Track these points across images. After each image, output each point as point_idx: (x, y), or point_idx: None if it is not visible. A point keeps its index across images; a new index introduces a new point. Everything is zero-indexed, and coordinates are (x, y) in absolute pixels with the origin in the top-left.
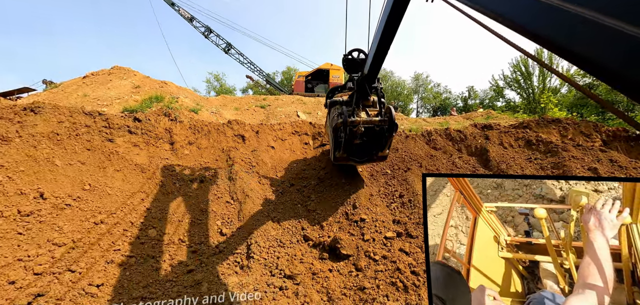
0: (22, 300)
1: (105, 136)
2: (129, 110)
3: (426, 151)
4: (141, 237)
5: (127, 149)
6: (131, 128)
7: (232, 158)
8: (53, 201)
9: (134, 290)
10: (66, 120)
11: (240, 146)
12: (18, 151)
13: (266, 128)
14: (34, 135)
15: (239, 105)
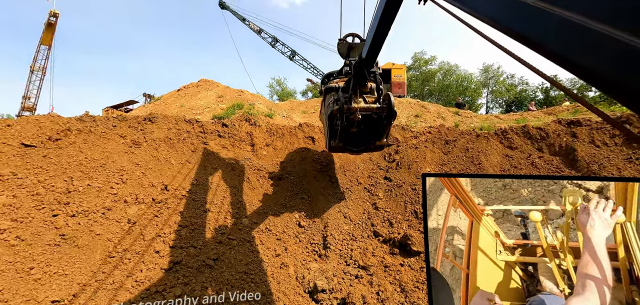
0: (165, 266)
1: (201, 139)
2: (217, 117)
3: (500, 151)
4: (237, 224)
5: (218, 150)
6: (220, 132)
7: (305, 158)
8: (173, 192)
9: (239, 266)
10: (173, 128)
11: (311, 146)
12: (146, 153)
13: None
14: (155, 140)
15: (305, 108)
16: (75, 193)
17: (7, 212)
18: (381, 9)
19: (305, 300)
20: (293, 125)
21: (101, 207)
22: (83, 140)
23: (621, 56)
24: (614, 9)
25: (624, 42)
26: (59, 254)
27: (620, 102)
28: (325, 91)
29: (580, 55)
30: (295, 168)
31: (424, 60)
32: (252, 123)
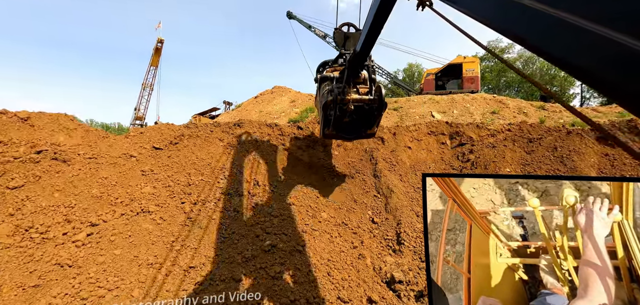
0: (265, 247)
1: (281, 141)
2: (293, 120)
3: (598, 149)
4: (317, 217)
5: (294, 150)
6: (296, 134)
7: (375, 158)
8: (263, 187)
9: (323, 253)
10: (257, 132)
11: (381, 147)
12: (239, 154)
13: (402, 129)
14: (244, 143)
15: None
16: (194, 186)
17: (152, 199)
18: (375, 7)
19: (383, 288)
20: None
21: (213, 197)
22: (193, 143)
23: (619, 58)
24: (612, 10)
25: (622, 44)
26: (189, 232)
27: (619, 104)
28: (321, 80)
29: (578, 57)
30: (365, 167)
31: (500, 50)
32: None
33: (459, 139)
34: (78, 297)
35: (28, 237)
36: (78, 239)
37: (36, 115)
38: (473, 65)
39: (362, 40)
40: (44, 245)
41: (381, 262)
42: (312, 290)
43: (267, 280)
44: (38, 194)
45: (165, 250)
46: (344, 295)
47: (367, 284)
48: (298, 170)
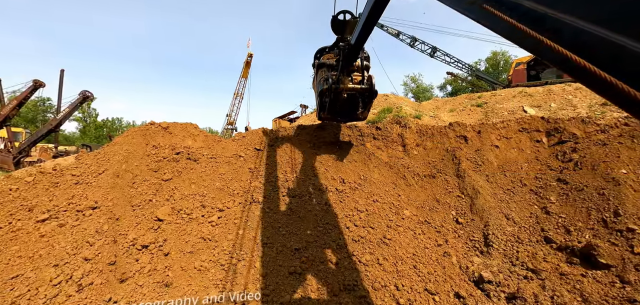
0: (355, 238)
1: (360, 142)
2: (371, 121)
3: None
4: (400, 214)
5: (373, 150)
6: (374, 135)
7: (458, 157)
8: (350, 185)
9: (408, 248)
10: (338, 133)
11: (464, 146)
12: (324, 154)
13: (488, 127)
14: (327, 144)
15: (453, 106)
16: (290, 182)
17: (260, 192)
18: (370, 5)
19: (470, 287)
20: (442, 125)
21: (306, 191)
22: (286, 145)
23: (616, 58)
24: (609, 11)
25: (618, 44)
26: (290, 220)
27: (616, 104)
28: (318, 66)
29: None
30: (446, 167)
31: None
32: (402, 125)
33: (559, 136)
34: (218, 263)
35: (180, 217)
36: (212, 220)
37: (172, 124)
38: None
39: (357, 33)
40: (190, 223)
41: (468, 262)
42: (399, 279)
43: (358, 266)
44: (181, 185)
45: (273, 233)
46: (431, 288)
47: (453, 281)
48: (379, 169)
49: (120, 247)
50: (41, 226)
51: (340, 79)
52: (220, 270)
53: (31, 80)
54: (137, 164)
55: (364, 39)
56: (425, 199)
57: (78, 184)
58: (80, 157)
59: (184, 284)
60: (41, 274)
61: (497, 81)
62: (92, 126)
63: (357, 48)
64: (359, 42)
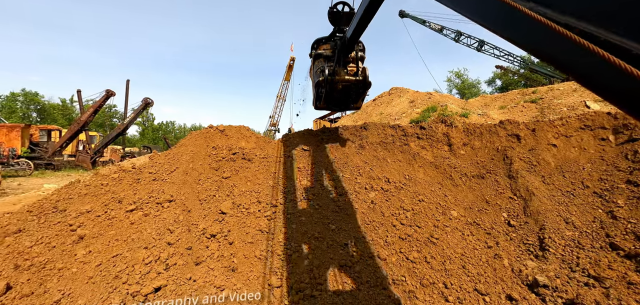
0: (402, 235)
1: (404, 141)
2: (415, 121)
3: None
4: (447, 214)
5: (418, 150)
6: (419, 134)
7: (510, 157)
8: (395, 184)
9: (456, 248)
10: (382, 133)
11: (516, 145)
12: (369, 153)
13: (544, 125)
14: (371, 144)
15: (503, 102)
16: (336, 180)
17: (310, 190)
18: (365, 4)
19: (524, 290)
20: (491, 123)
21: (353, 190)
22: (330, 145)
23: (608, 58)
24: (599, 11)
25: (611, 43)
26: (338, 216)
27: (610, 102)
28: (315, 57)
29: (566, 57)
30: (497, 167)
31: None
32: (448, 124)
33: (629, 134)
34: (275, 253)
35: (240, 211)
36: (268, 214)
37: (228, 127)
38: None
39: (352, 29)
40: (249, 217)
41: (521, 265)
42: (448, 277)
43: (406, 262)
44: (239, 182)
45: (323, 228)
46: (481, 288)
47: (505, 283)
48: (424, 169)
49: (193, 235)
50: (130, 215)
51: (335, 70)
52: (277, 259)
53: (104, 90)
54: (201, 163)
55: (359, 34)
56: (474, 200)
57: (155, 180)
58: (153, 157)
59: (247, 270)
60: (135, 254)
61: (554, 74)
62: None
63: (352, 42)
64: (354, 37)
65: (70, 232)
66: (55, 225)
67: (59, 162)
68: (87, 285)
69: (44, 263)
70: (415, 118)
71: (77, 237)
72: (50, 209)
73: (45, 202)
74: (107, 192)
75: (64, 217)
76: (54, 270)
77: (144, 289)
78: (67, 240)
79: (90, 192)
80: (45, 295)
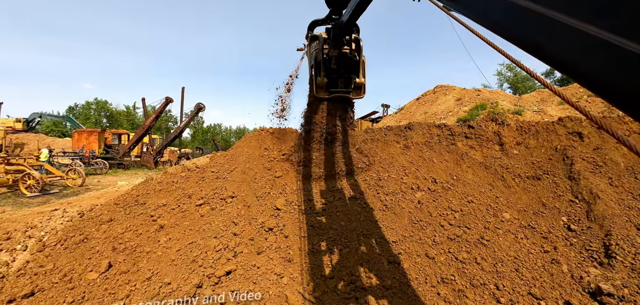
0: (450, 236)
1: (450, 141)
2: (462, 119)
3: None
4: (498, 216)
5: (466, 150)
6: (467, 134)
7: (570, 157)
8: (442, 184)
9: (509, 251)
10: (427, 133)
11: (578, 144)
12: (414, 154)
13: (611, 121)
14: (417, 144)
15: None
16: (383, 180)
17: (355, 189)
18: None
19: (585, 298)
20: (549, 120)
21: (399, 190)
22: (376, 146)
23: (610, 57)
24: (598, 8)
25: (611, 43)
26: (385, 215)
27: (611, 103)
28: (311, 39)
29: (568, 55)
30: (555, 168)
31: None
32: (499, 122)
33: None
34: (327, 248)
35: (292, 207)
36: (317, 211)
37: (277, 130)
38: None
39: (350, 11)
40: (300, 214)
41: (582, 272)
42: (499, 279)
43: (455, 262)
44: (290, 182)
45: (371, 226)
46: (536, 293)
47: (563, 289)
48: (472, 169)
49: (253, 228)
50: (199, 208)
51: (330, 53)
52: (328, 253)
53: (164, 97)
54: (256, 163)
55: (356, 17)
56: (529, 202)
57: (218, 178)
58: (213, 157)
59: (302, 261)
60: (207, 243)
61: None
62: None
63: (349, 25)
64: (351, 20)
65: (152, 222)
66: (139, 216)
67: (127, 162)
68: (171, 267)
69: (134, 247)
70: (463, 117)
71: (158, 226)
72: (132, 202)
73: (128, 197)
74: (177, 188)
75: (145, 209)
76: (143, 253)
77: (218, 272)
78: (151, 229)
79: (164, 188)
80: (139, 273)
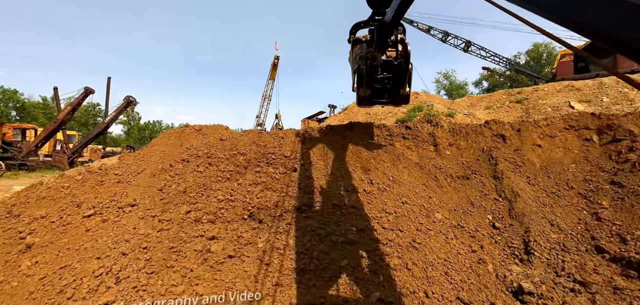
0: (382, 241)
1: (389, 141)
2: (400, 120)
3: None
4: (431, 217)
5: (403, 150)
6: (404, 134)
7: (495, 158)
8: (378, 186)
9: (439, 253)
10: (367, 133)
11: (501, 146)
12: (351, 154)
13: (529, 125)
14: (356, 144)
15: (489, 103)
16: (318, 182)
17: (293, 189)
18: None
19: (508, 298)
20: (477, 123)
21: (336, 194)
22: (315, 145)
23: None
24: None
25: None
26: (313, 222)
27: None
28: (353, 43)
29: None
30: (482, 168)
31: None
32: (434, 124)
33: (612, 134)
34: (249, 255)
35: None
36: (254, 215)
37: (205, 127)
38: None
39: (394, 9)
40: (208, 226)
41: (505, 270)
42: (430, 285)
43: (387, 270)
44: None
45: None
46: (464, 297)
47: (489, 290)
48: (408, 169)
49: (151, 243)
50: (86, 221)
51: (375, 55)
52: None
53: (83, 88)
54: (172, 165)
55: (400, 16)
56: (459, 201)
57: (120, 182)
58: (122, 157)
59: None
60: (85, 266)
61: (539, 75)
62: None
63: (392, 24)
64: (395, 19)
65: (19, 240)
66: (5, 232)
67: (33, 162)
68: (26, 302)
69: None
70: (402, 117)
71: (25, 246)
72: (4, 214)
73: (1, 206)
74: (67, 196)
75: (16, 223)
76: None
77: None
78: (13, 250)
79: (50, 195)
80: None
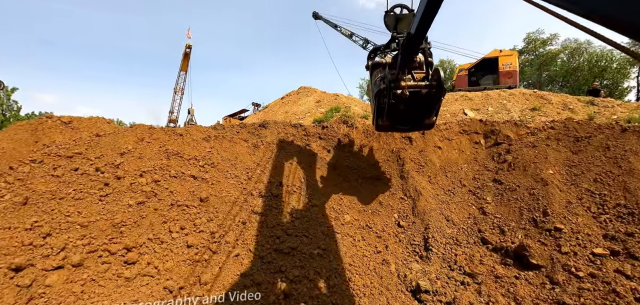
0: (285, 250)
1: (305, 142)
2: (317, 120)
3: None
4: (339, 219)
5: (319, 150)
6: (320, 134)
7: (402, 158)
8: (286, 188)
9: (344, 258)
10: (282, 132)
11: (408, 147)
12: (263, 154)
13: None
14: (269, 143)
15: None
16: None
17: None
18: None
19: (407, 298)
20: None
21: (238, 198)
22: (219, 144)
23: None
24: None
25: None
26: None
27: None
28: (372, 67)
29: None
30: (391, 168)
31: (541, 41)
32: (349, 125)
33: (495, 138)
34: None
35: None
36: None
37: (77, 119)
38: (510, 58)
39: (418, 19)
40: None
41: (406, 269)
42: (331, 296)
43: (286, 284)
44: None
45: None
46: (365, 303)
47: (390, 292)
48: (321, 171)
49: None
50: None
51: (399, 76)
52: None
53: None
54: (15, 166)
55: (426, 26)
56: (369, 202)
57: None
58: None
59: None
60: None
61: None
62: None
63: (418, 38)
64: (420, 31)
65: None
66: None
67: None
68: None
69: None
70: (319, 118)
71: None
72: None
73: None
74: None
75: None
76: None
77: None
78: None
79: None
80: None
